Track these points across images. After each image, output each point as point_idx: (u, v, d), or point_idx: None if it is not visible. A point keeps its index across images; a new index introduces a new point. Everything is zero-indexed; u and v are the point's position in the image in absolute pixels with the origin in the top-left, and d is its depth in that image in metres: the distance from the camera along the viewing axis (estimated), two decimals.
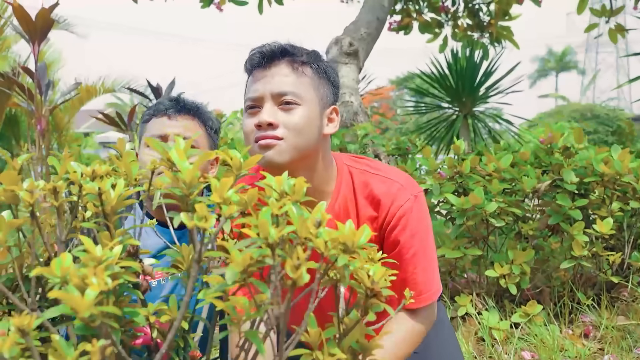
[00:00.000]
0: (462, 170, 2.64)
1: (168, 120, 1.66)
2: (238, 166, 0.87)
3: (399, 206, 1.40)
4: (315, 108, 1.38)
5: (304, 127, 1.34)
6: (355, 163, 1.51)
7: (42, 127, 4.00)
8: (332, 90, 1.44)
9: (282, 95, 1.35)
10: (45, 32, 3.67)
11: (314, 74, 1.39)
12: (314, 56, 1.42)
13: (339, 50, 3.85)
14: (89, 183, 0.80)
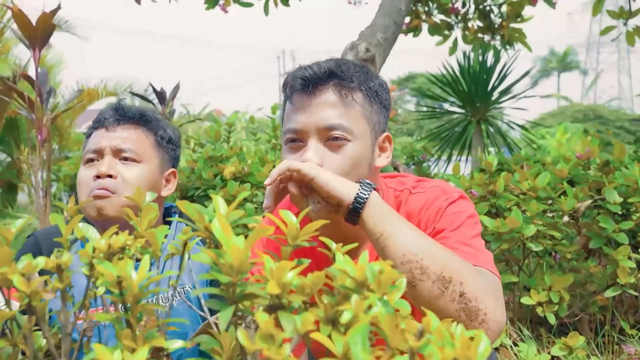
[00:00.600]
0: (495, 189, 2.46)
1: (105, 132, 1.47)
2: (294, 235, 0.69)
3: (438, 207, 1.23)
4: (367, 141, 1.21)
5: (354, 167, 1.17)
6: (398, 184, 1.34)
7: (43, 137, 3.82)
8: (384, 114, 1.27)
9: (330, 129, 1.17)
10: (46, 38, 3.48)
11: (364, 100, 1.22)
12: (364, 77, 1.23)
13: (355, 57, 3.66)
14: (103, 264, 0.61)
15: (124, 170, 1.43)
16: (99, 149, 1.44)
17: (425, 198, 1.26)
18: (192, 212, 0.67)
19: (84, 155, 1.47)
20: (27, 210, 8.44)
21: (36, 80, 3.55)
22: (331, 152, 1.17)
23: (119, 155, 1.44)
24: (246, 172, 3.31)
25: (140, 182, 1.43)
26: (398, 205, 1.31)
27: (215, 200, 0.69)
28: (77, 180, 1.46)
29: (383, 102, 1.26)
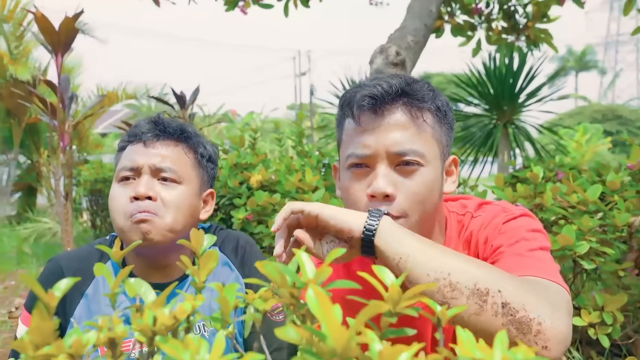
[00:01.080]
0: (543, 203, 2.31)
1: (143, 148, 1.34)
2: (396, 299, 0.56)
3: (498, 224, 1.11)
4: (438, 165, 1.09)
5: (427, 195, 1.05)
6: (460, 208, 1.23)
7: (65, 144, 3.74)
8: (450, 135, 1.16)
9: (402, 155, 1.05)
10: (69, 43, 3.40)
11: (434, 121, 1.11)
12: (433, 94, 1.12)
13: (385, 60, 3.53)
14: (170, 344, 0.49)
15: (163, 191, 1.30)
16: (136, 167, 1.31)
17: (484, 218, 1.15)
18: (273, 272, 0.55)
19: (118, 171, 1.34)
20: (47, 214, 8.41)
21: (58, 87, 3.46)
22: (403, 179, 1.06)
23: (158, 174, 1.31)
24: (273, 181, 3.19)
25: (180, 205, 1.31)
26: (460, 229, 1.20)
27: (299, 257, 0.57)
28: (110, 199, 1.33)
29: (450, 123, 1.16)
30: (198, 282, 0.68)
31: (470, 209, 1.20)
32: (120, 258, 0.74)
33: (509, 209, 1.16)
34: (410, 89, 1.09)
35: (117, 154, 1.41)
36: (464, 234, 1.17)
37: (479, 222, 1.15)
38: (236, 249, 1.45)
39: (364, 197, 1.06)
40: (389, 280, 0.60)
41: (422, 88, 1.10)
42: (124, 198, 1.29)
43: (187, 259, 0.69)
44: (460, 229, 1.19)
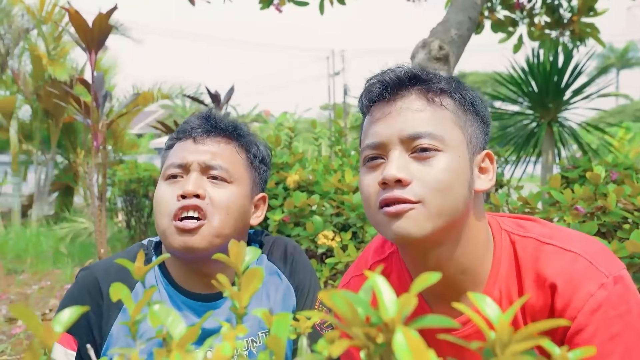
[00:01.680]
0: (606, 205, 2.11)
1: (193, 145, 1.23)
2: (505, 341, 0.41)
3: (588, 296, 0.91)
4: (463, 153, 0.96)
5: (449, 183, 0.92)
6: (518, 228, 1.04)
7: (99, 143, 3.68)
8: (482, 129, 1.03)
9: (416, 138, 0.94)
10: (102, 40, 3.33)
11: (457, 107, 1.00)
12: (455, 84, 1.02)
13: (427, 55, 3.36)
14: None
15: (212, 190, 1.19)
16: (184, 164, 1.20)
17: (565, 266, 0.95)
18: (341, 305, 0.40)
19: (164, 169, 1.24)
20: (83, 214, 8.47)
21: (92, 85, 3.40)
22: (421, 165, 0.93)
23: (208, 172, 1.20)
24: (311, 181, 3.06)
25: (230, 206, 1.19)
26: (513, 253, 1.01)
27: (375, 282, 0.43)
28: (155, 197, 1.22)
29: (480, 114, 1.03)
30: (239, 308, 0.55)
31: (534, 233, 1.01)
32: (143, 275, 0.60)
33: (600, 267, 0.93)
34: (425, 74, 0.99)
35: (164, 152, 1.31)
36: (533, 271, 0.98)
37: (556, 263, 0.96)
38: (285, 257, 1.33)
39: (376, 188, 0.95)
40: (494, 313, 0.45)
41: (441, 77, 1.01)
42: (170, 197, 1.18)
43: (225, 278, 0.56)
44: (513, 252, 1.01)
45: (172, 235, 1.14)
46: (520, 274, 0.99)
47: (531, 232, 1.02)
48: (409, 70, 0.99)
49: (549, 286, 0.95)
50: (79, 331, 1.20)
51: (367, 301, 0.42)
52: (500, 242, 1.02)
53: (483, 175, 1.01)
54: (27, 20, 9.00)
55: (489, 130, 1.06)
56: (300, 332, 0.57)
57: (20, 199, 10.11)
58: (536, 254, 0.98)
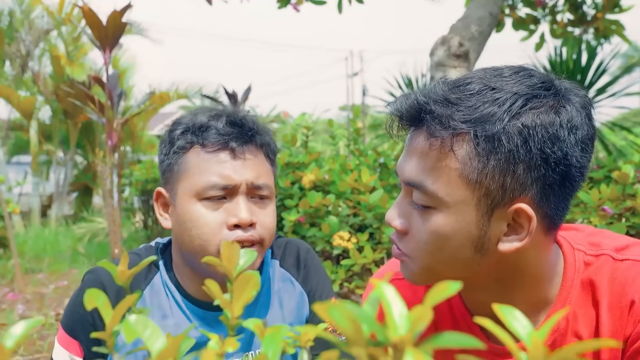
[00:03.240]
0: (635, 206, 2.02)
1: (233, 160, 1.09)
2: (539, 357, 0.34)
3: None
4: (466, 214, 0.80)
5: (438, 245, 0.82)
6: (592, 247, 0.91)
7: (114, 142, 3.65)
8: (516, 171, 0.77)
9: (411, 186, 0.84)
10: (116, 38, 3.30)
11: (473, 154, 0.78)
12: (481, 114, 0.77)
13: (447, 52, 3.26)
14: None
15: (261, 214, 1.11)
16: (231, 186, 1.08)
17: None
18: (342, 321, 0.34)
19: (203, 188, 1.08)
20: (101, 214, 8.51)
21: (106, 83, 3.37)
22: (417, 216, 0.84)
23: (253, 192, 1.11)
24: (327, 181, 2.99)
25: (273, 225, 1.13)
26: (587, 275, 0.89)
27: (382, 292, 0.36)
28: (192, 221, 1.09)
29: (511, 156, 0.77)
30: (231, 318, 0.48)
31: (607, 250, 0.89)
32: (128, 280, 0.54)
33: None
34: (441, 107, 0.79)
35: (173, 152, 1.14)
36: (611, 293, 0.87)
37: (635, 282, 0.85)
38: (298, 263, 1.25)
39: None
40: (525, 331, 0.38)
41: (462, 102, 0.78)
42: (217, 224, 1.07)
43: (216, 284, 0.49)
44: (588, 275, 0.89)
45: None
46: (597, 297, 0.88)
47: (604, 249, 0.90)
48: (415, 100, 0.82)
49: (627, 304, 0.85)
50: (86, 337, 1.15)
51: (373, 316, 0.35)
52: (573, 265, 0.90)
53: (514, 235, 0.81)
54: (47, 21, 9.08)
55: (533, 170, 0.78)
56: (299, 345, 0.51)
57: (40, 198, 10.21)
58: (613, 273, 0.87)
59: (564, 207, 0.83)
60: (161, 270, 1.19)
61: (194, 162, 1.10)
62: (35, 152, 9.69)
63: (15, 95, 8.89)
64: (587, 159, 0.81)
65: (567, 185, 0.80)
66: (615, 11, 6.73)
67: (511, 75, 0.80)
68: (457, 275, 0.81)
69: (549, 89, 0.80)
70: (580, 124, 0.79)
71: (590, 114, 0.83)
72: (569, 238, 0.94)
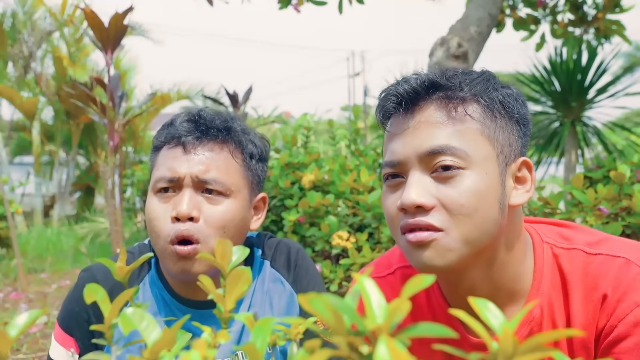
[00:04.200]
0: (631, 206, 2.03)
1: (183, 154, 1.12)
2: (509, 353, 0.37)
3: (634, 305, 0.84)
4: (492, 169, 0.86)
5: (475, 207, 0.84)
6: (562, 240, 0.95)
7: (115, 143, 3.68)
8: (518, 131, 0.92)
9: (435, 154, 0.85)
10: (118, 40, 3.33)
11: (485, 114, 0.88)
12: (483, 85, 0.90)
13: (446, 53, 3.29)
14: None
15: (208, 209, 1.11)
16: (176, 179, 1.11)
17: (615, 274, 0.88)
18: (323, 311, 0.36)
19: (155, 180, 1.13)
20: (103, 214, 8.54)
21: (108, 84, 3.40)
22: (443, 186, 0.85)
23: (202, 187, 1.11)
24: (326, 181, 3.01)
25: (227, 225, 1.11)
26: (557, 267, 0.93)
27: (362, 285, 0.38)
28: (147, 213, 1.14)
29: (514, 116, 0.91)
30: (224, 312, 0.51)
31: (579, 244, 0.93)
32: (126, 276, 0.57)
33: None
34: (445, 80, 0.89)
35: (152, 153, 1.20)
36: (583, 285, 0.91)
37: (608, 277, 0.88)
38: (288, 263, 1.25)
39: (396, 211, 0.87)
40: (497, 322, 0.40)
41: (462, 77, 0.90)
42: (163, 216, 1.10)
43: (209, 280, 0.52)
44: (558, 267, 0.94)
45: (170, 260, 1.08)
46: (567, 289, 0.92)
47: (576, 243, 0.93)
48: (425, 78, 0.90)
49: (599, 298, 0.88)
50: (82, 333, 1.17)
51: (353, 307, 0.38)
52: (542, 256, 0.94)
53: (520, 186, 0.91)
54: (50, 23, 9.12)
55: (529, 131, 0.95)
56: (289, 338, 0.53)
57: (43, 199, 10.25)
58: (585, 267, 0.91)
59: None
60: (152, 268, 1.21)
61: (158, 159, 1.15)
62: (37, 153, 9.73)
63: (18, 96, 8.93)
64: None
65: (528, 139, 0.95)
66: (616, 11, 6.74)
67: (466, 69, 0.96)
68: (484, 242, 0.86)
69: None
70: None
71: None
72: (539, 230, 0.98)
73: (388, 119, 0.94)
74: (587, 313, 0.89)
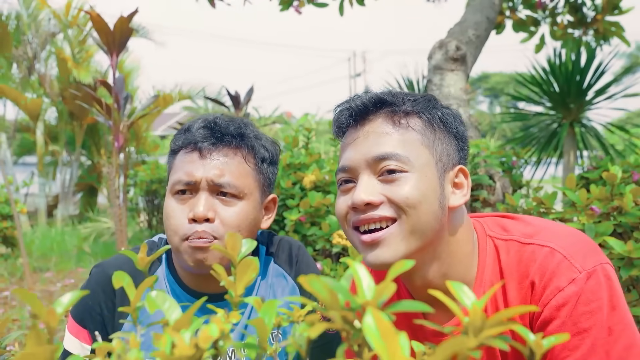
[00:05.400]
0: (622, 205, 2.10)
1: (199, 159, 1.20)
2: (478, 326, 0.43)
3: (556, 291, 0.93)
4: (431, 173, 0.98)
5: (418, 201, 0.95)
6: (502, 231, 1.05)
7: (120, 144, 3.75)
8: (455, 144, 1.05)
9: (381, 159, 0.97)
10: (123, 43, 3.40)
11: (425, 127, 1.02)
12: (424, 103, 1.04)
13: (444, 56, 3.36)
14: None
15: (223, 211, 1.19)
16: (193, 182, 1.19)
17: (541, 262, 0.96)
18: (321, 290, 0.43)
19: (173, 183, 1.22)
20: (106, 214, 8.62)
21: (113, 87, 3.47)
22: (389, 186, 0.96)
23: (217, 190, 1.20)
24: (327, 181, 3.08)
25: (241, 223, 1.20)
26: (497, 258, 1.03)
27: (354, 269, 0.45)
28: (165, 214, 1.22)
29: (452, 131, 1.05)
30: (234, 296, 0.58)
31: (516, 236, 1.03)
32: (147, 265, 0.64)
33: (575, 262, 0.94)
34: (392, 97, 1.02)
35: (169, 156, 1.29)
36: (516, 273, 1.00)
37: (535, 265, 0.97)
38: (290, 259, 1.34)
39: (348, 210, 1.00)
40: (469, 301, 0.47)
41: (406, 97, 1.03)
42: (180, 217, 1.19)
43: (222, 268, 0.59)
44: (497, 258, 1.03)
45: (186, 253, 1.16)
46: (504, 278, 1.01)
47: (513, 234, 1.04)
48: (374, 95, 1.03)
49: (529, 285, 0.97)
50: (94, 326, 1.24)
51: (347, 287, 0.45)
52: (485, 249, 1.04)
53: (458, 191, 1.03)
54: (54, 24, 9.20)
55: (465, 146, 1.08)
56: (292, 320, 0.60)
57: (46, 199, 10.32)
58: (518, 256, 1.00)
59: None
60: (163, 263, 1.29)
61: (176, 163, 1.24)
62: (41, 154, 9.81)
63: (22, 97, 9.01)
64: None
65: (466, 152, 1.08)
66: (615, 13, 6.79)
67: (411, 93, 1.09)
68: (428, 236, 0.97)
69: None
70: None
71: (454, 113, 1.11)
72: (484, 224, 1.08)
73: (343, 134, 1.06)
74: (520, 298, 0.98)
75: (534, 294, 0.96)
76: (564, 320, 0.92)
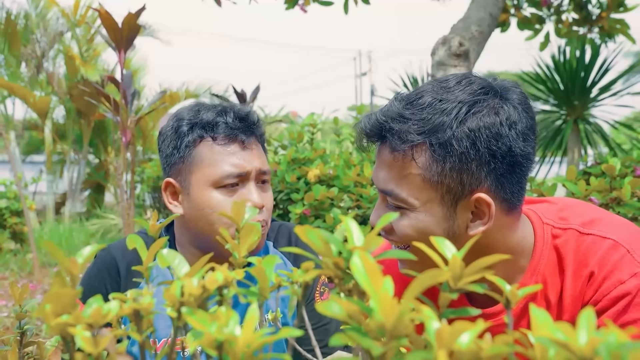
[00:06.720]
0: (620, 196, 2.14)
1: (241, 150, 1.23)
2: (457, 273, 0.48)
3: (618, 283, 0.94)
4: (436, 210, 0.95)
5: (419, 239, 0.89)
6: (560, 221, 1.03)
7: (127, 140, 3.81)
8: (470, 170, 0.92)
9: (386, 194, 0.98)
10: (131, 40, 3.46)
11: (431, 159, 0.92)
12: (436, 123, 0.91)
13: (448, 52, 3.39)
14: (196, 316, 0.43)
15: (266, 197, 1.26)
16: (245, 174, 1.22)
17: (602, 254, 0.97)
18: (316, 240, 0.48)
19: (220, 177, 1.21)
20: (114, 211, 8.70)
21: (121, 83, 3.53)
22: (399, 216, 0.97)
23: (260, 178, 1.26)
24: (331, 175, 3.13)
25: (272, 205, 1.29)
26: (554, 247, 1.01)
27: (347, 224, 0.50)
28: (209, 206, 1.21)
29: (463, 157, 0.91)
30: (238, 258, 0.63)
31: (574, 224, 1.01)
32: (158, 232, 0.69)
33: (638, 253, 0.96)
34: (397, 123, 0.92)
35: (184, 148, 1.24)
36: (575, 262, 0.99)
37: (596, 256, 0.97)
38: (289, 244, 1.40)
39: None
40: (450, 253, 0.51)
41: (416, 117, 0.92)
42: None
43: (227, 232, 0.64)
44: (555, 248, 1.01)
45: None
46: (562, 266, 1.01)
47: (572, 223, 1.02)
48: (377, 121, 0.95)
49: (587, 275, 0.98)
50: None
51: (339, 239, 0.49)
52: (542, 237, 1.02)
53: (478, 221, 0.96)
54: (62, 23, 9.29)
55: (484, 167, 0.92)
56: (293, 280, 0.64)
57: (54, 196, 10.43)
58: (577, 246, 1.00)
59: (519, 190, 0.97)
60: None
61: (206, 155, 1.22)
62: (49, 151, 9.91)
63: (30, 95, 9.11)
64: (531, 145, 0.95)
65: (517, 172, 0.95)
66: (620, 10, 6.79)
67: (455, 84, 0.94)
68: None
69: (487, 93, 0.93)
70: (519, 119, 0.93)
71: (528, 106, 0.97)
72: (539, 212, 1.07)
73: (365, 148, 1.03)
74: (575, 288, 0.99)
75: (592, 283, 0.97)
76: (619, 308, 0.93)
